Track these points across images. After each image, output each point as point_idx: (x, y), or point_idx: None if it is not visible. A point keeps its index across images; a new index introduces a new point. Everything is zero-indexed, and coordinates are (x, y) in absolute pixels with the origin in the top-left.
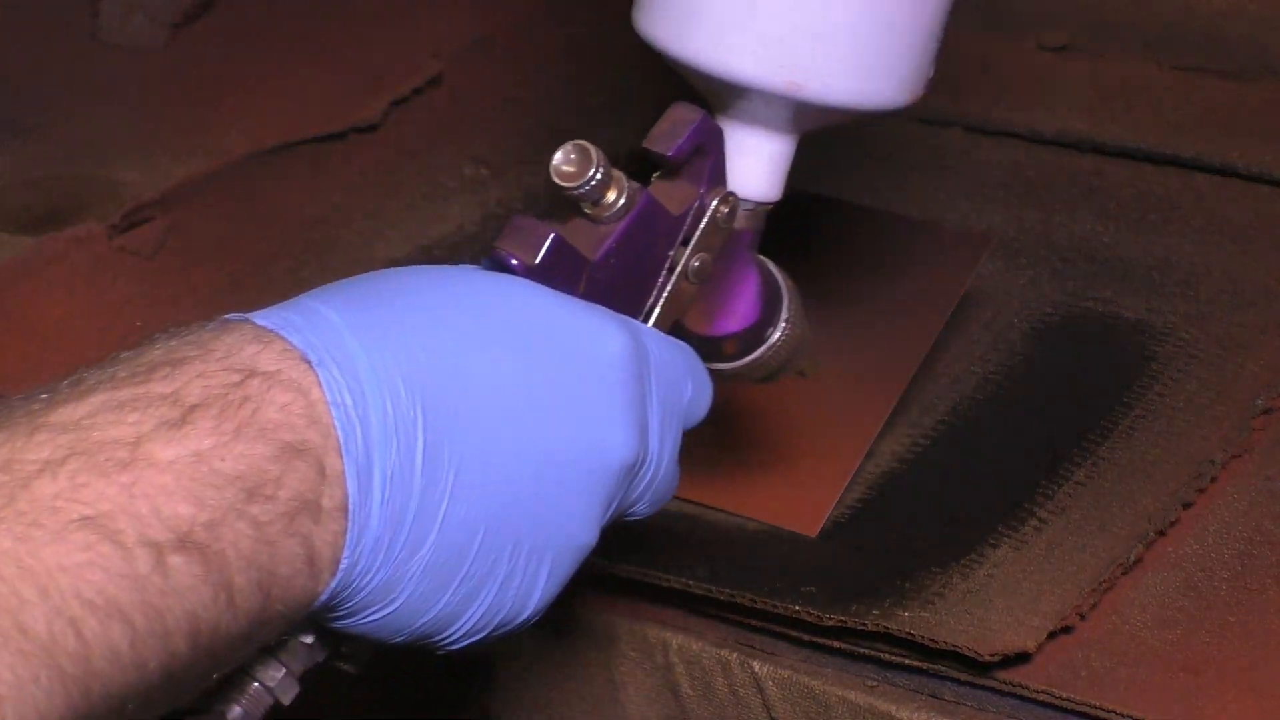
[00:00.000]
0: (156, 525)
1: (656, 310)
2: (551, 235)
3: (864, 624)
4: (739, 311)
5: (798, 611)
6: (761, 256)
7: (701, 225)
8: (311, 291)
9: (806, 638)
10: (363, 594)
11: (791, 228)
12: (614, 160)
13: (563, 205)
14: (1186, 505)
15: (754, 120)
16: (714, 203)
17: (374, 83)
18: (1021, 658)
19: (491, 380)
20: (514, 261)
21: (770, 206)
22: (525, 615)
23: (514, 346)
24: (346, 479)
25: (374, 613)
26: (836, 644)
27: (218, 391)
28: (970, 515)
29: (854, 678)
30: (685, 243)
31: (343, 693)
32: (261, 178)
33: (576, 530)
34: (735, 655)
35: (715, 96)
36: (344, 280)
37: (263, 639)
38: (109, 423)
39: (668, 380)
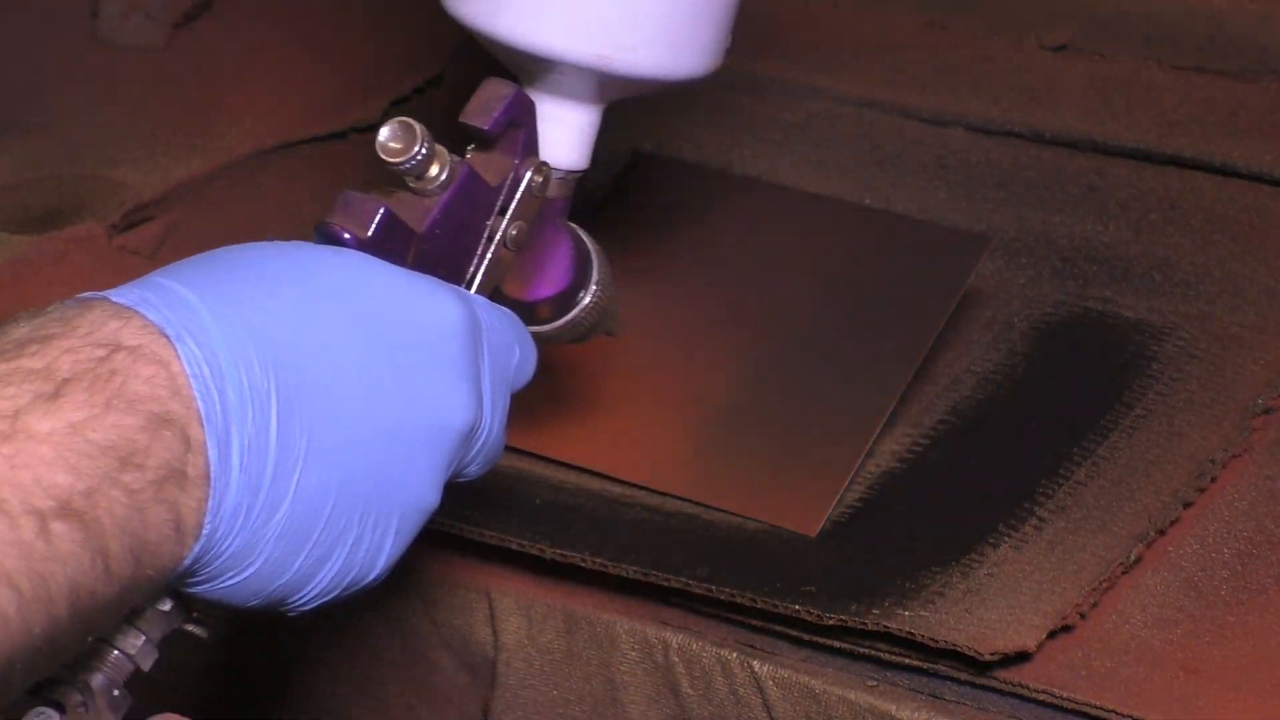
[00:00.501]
0: (39, 494)
1: (478, 278)
2: (382, 209)
3: (864, 623)
4: (553, 276)
5: (798, 611)
6: (572, 223)
7: (518, 195)
8: (161, 269)
9: (807, 637)
10: (222, 559)
11: (788, 227)
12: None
13: (389, 179)
14: (1187, 505)
15: (563, 92)
16: (529, 173)
17: (374, 83)
18: (1021, 657)
19: (339, 350)
20: (346, 235)
21: (579, 174)
22: (373, 575)
23: (358, 317)
24: (208, 447)
25: (231, 577)
26: (837, 643)
27: (86, 365)
28: (970, 515)
29: (854, 677)
30: (503, 212)
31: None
32: (262, 177)
33: (421, 493)
34: (735, 655)
35: (524, 71)
36: (191, 258)
37: (131, 604)
38: None
39: (498, 346)
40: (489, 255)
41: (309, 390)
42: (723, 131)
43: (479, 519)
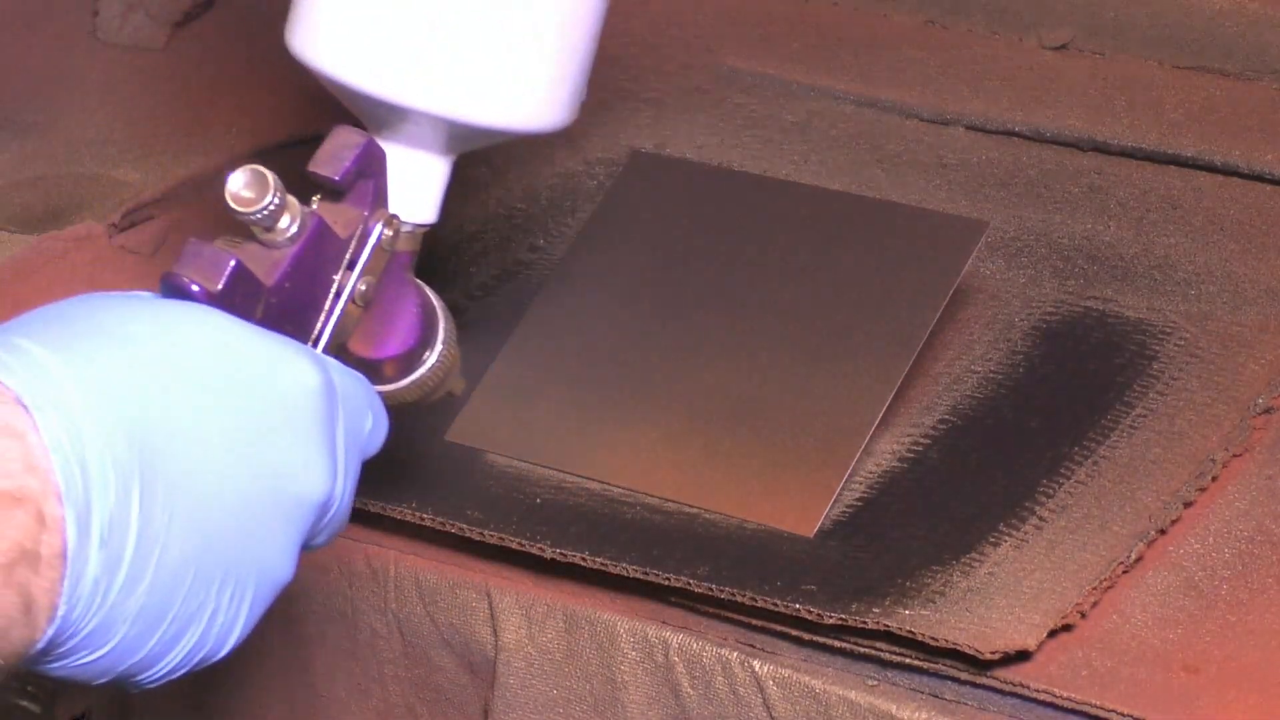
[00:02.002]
0: None
1: (325, 335)
2: (233, 261)
3: (865, 622)
4: (400, 334)
5: (798, 610)
6: (418, 279)
7: (367, 248)
8: (14, 324)
9: (807, 637)
10: (76, 638)
11: (784, 221)
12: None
13: (236, 229)
14: (1187, 504)
15: (410, 141)
16: (378, 225)
17: None
18: (1022, 656)
19: (201, 418)
20: (195, 288)
21: (428, 228)
22: (225, 650)
23: (218, 382)
24: (66, 524)
25: (85, 656)
26: (837, 643)
27: None
28: (971, 514)
29: (855, 677)
30: (351, 266)
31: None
32: None
33: (277, 564)
34: (736, 654)
35: (370, 118)
36: (40, 310)
37: None
38: None
39: (352, 412)
40: (337, 311)
41: (171, 460)
42: (723, 131)
43: (479, 519)
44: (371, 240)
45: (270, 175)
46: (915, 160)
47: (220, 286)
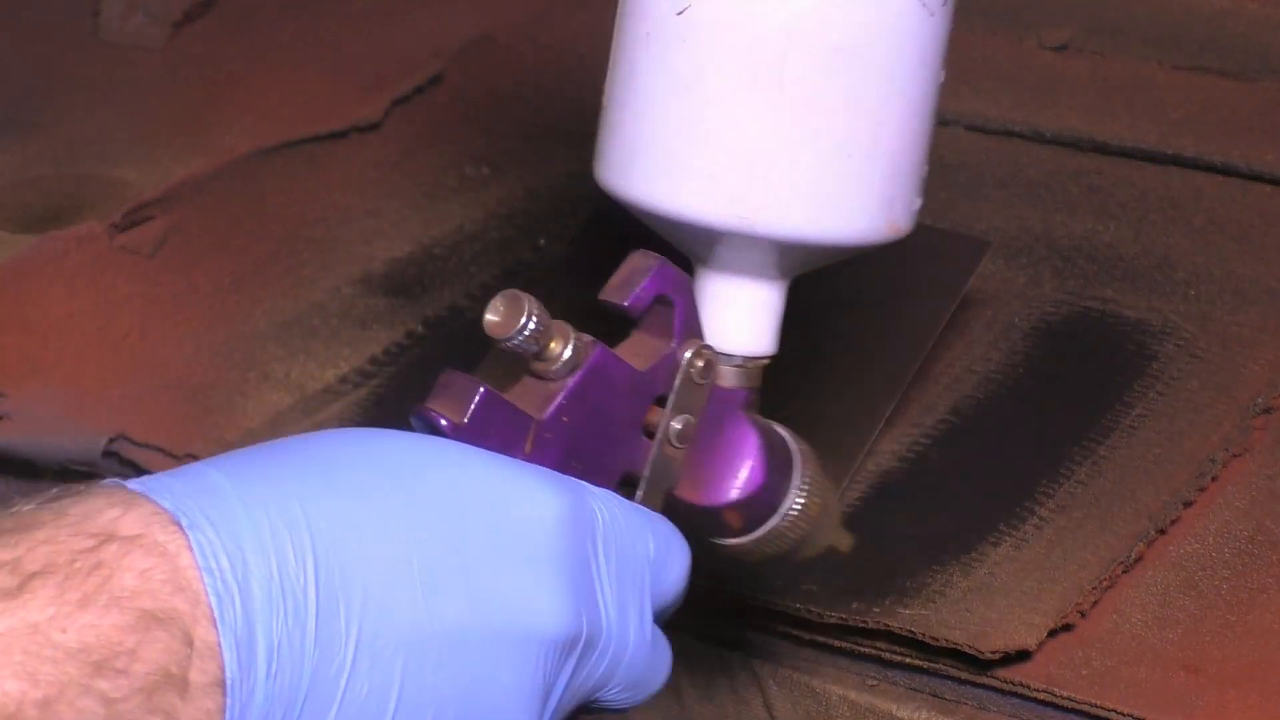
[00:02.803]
0: None
1: (644, 480)
2: (480, 391)
3: (865, 622)
4: (733, 479)
5: (799, 609)
6: (770, 421)
7: (676, 383)
8: (211, 459)
9: (807, 636)
10: None
11: None
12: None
13: (510, 362)
14: (1187, 504)
15: (730, 268)
16: (687, 355)
17: (374, 82)
18: (1022, 655)
19: (395, 539)
20: (442, 421)
21: (764, 361)
22: None
23: (422, 504)
24: (223, 650)
25: None
26: (837, 642)
27: (65, 558)
28: (971, 513)
29: (855, 676)
30: (661, 403)
31: None
32: (262, 177)
33: (508, 709)
34: (736, 654)
35: (683, 243)
36: (257, 445)
37: None
38: None
39: (623, 547)
40: (653, 453)
41: (355, 585)
42: None
43: None
44: (680, 373)
45: (526, 298)
46: None
47: (467, 419)
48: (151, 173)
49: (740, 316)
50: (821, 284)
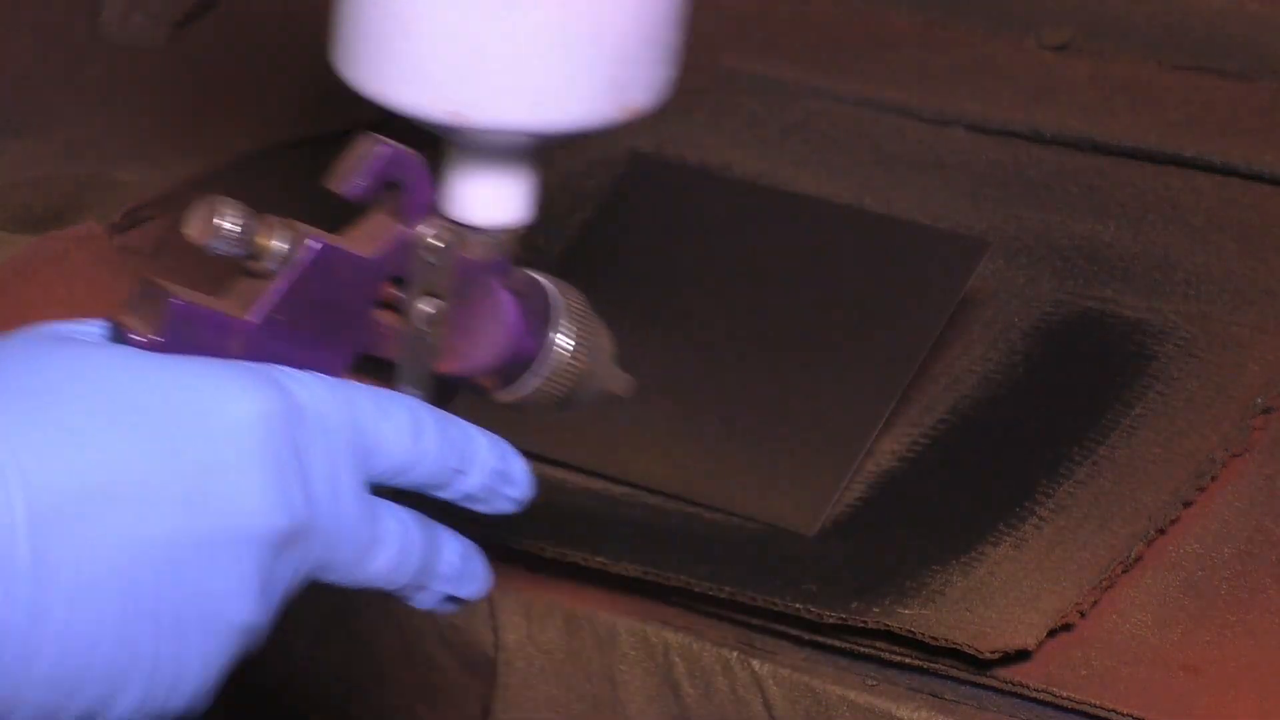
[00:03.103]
0: None
1: (399, 366)
2: (172, 303)
3: (864, 622)
4: (486, 345)
5: (798, 609)
6: (537, 276)
7: (413, 266)
8: None
9: (807, 636)
10: None
11: (787, 229)
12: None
13: (228, 264)
14: (1187, 504)
15: (469, 148)
16: (426, 238)
17: None
18: (1021, 655)
19: (103, 469)
20: (135, 336)
21: (518, 231)
22: (180, 705)
23: (126, 428)
24: None
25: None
26: (837, 642)
27: None
28: (970, 513)
29: (854, 676)
30: (398, 284)
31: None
32: (262, 177)
33: (232, 607)
34: (736, 654)
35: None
36: None
37: None
38: None
39: (330, 428)
40: (401, 336)
41: (69, 514)
42: (723, 131)
43: (479, 518)
44: (417, 257)
45: (221, 201)
46: (915, 161)
47: (163, 333)
48: (151, 173)
49: (485, 192)
50: (821, 284)
